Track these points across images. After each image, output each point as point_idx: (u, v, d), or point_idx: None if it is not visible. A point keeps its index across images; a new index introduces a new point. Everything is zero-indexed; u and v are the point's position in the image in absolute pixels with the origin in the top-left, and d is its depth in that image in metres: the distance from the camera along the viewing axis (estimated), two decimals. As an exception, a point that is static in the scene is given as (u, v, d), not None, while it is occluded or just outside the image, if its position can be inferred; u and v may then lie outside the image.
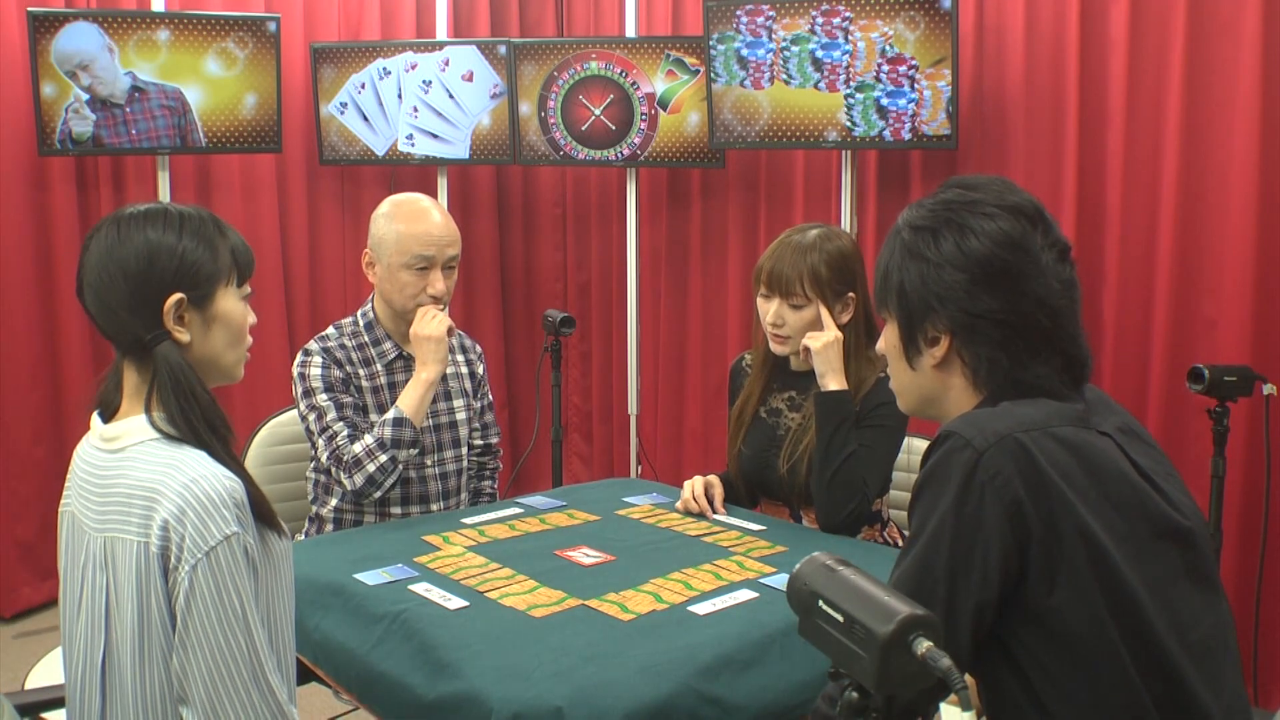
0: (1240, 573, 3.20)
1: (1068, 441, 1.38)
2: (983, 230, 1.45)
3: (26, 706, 1.93)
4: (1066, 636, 1.36)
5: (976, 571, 1.34)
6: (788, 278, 2.42)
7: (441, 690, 1.70)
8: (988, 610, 1.36)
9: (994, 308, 1.44)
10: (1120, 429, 1.48)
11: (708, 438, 4.64)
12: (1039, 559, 1.35)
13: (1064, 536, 1.34)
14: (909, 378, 1.56)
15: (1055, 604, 1.35)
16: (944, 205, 1.50)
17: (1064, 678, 1.37)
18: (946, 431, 1.40)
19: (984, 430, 1.37)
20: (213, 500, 1.45)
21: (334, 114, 4.58)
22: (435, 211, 2.65)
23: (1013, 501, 1.34)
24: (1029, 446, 1.35)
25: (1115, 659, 1.35)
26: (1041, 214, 1.48)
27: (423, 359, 2.58)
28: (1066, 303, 1.47)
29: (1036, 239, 1.45)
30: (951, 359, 1.50)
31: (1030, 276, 1.44)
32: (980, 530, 1.34)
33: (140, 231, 1.53)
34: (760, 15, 3.89)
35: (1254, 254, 3.18)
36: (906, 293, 1.50)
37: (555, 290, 5.21)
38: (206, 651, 1.45)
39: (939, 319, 1.48)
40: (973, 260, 1.45)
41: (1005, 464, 1.34)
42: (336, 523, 2.63)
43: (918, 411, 1.60)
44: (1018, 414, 1.40)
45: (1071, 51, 3.49)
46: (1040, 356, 1.45)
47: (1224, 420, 2.89)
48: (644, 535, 2.31)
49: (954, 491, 1.36)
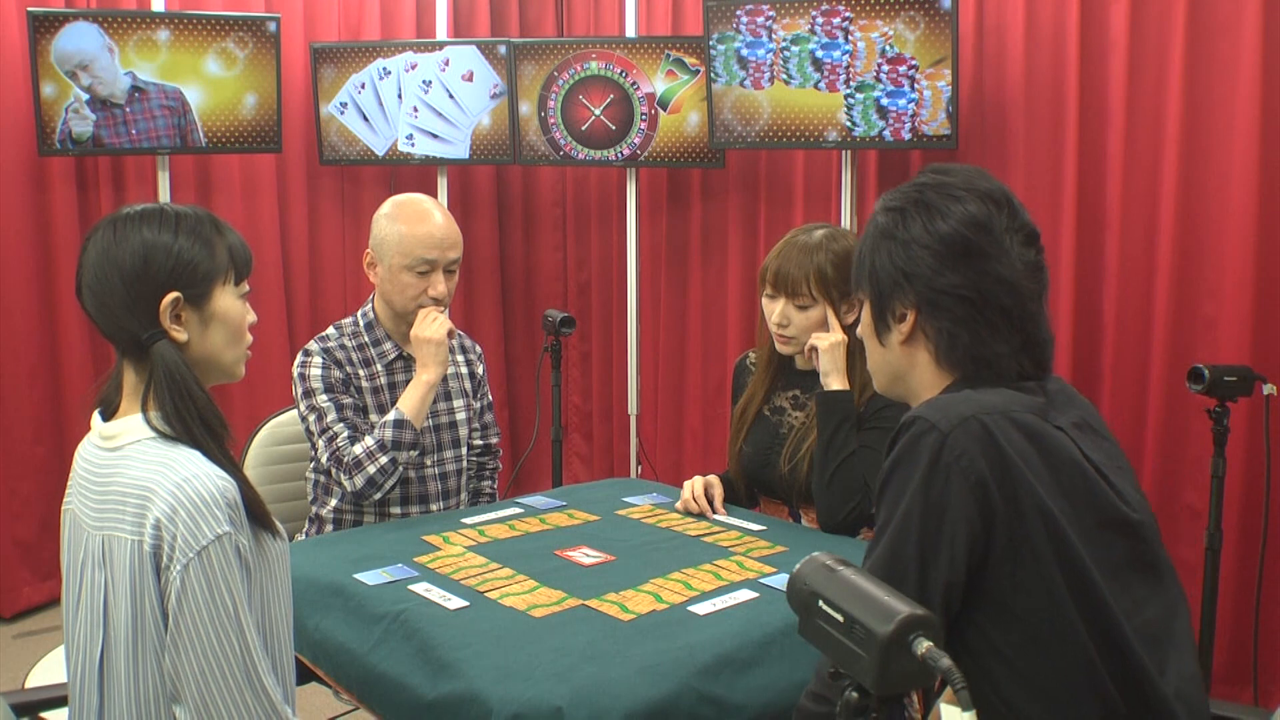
0: (1240, 573, 3.20)
1: (1026, 427, 1.44)
2: (950, 211, 1.52)
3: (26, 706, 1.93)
4: (1028, 617, 1.40)
5: (945, 552, 1.39)
6: (794, 278, 2.42)
7: (441, 690, 1.70)
8: (956, 592, 1.41)
9: (957, 284, 1.51)
10: (1076, 424, 1.52)
11: (708, 438, 4.64)
12: (1002, 538, 1.40)
13: (1025, 515, 1.39)
14: (880, 355, 1.63)
15: (1017, 584, 1.40)
16: (916, 188, 1.57)
17: (1024, 663, 1.41)
18: (911, 417, 1.46)
19: (948, 414, 1.43)
20: (205, 500, 1.45)
21: (334, 114, 4.58)
22: (438, 213, 2.64)
23: (978, 481, 1.39)
24: (991, 428, 1.41)
25: (1075, 637, 1.40)
26: (1009, 199, 1.55)
27: (423, 361, 2.58)
28: (1030, 284, 1.53)
29: (1002, 221, 1.52)
30: (917, 335, 1.56)
31: (993, 257, 1.50)
32: (948, 511, 1.39)
33: (136, 231, 1.54)
34: (760, 15, 3.89)
35: (1254, 254, 3.17)
36: (877, 271, 1.57)
37: (555, 290, 5.21)
38: (198, 651, 1.45)
39: (906, 295, 1.55)
40: (939, 239, 1.52)
41: (969, 444, 1.39)
42: (336, 523, 2.63)
43: (889, 390, 1.65)
44: (979, 399, 1.46)
45: (1071, 51, 3.49)
46: (1000, 334, 1.51)
47: (1224, 420, 2.89)
48: (644, 535, 2.31)
49: (921, 474, 1.41)
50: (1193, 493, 3.32)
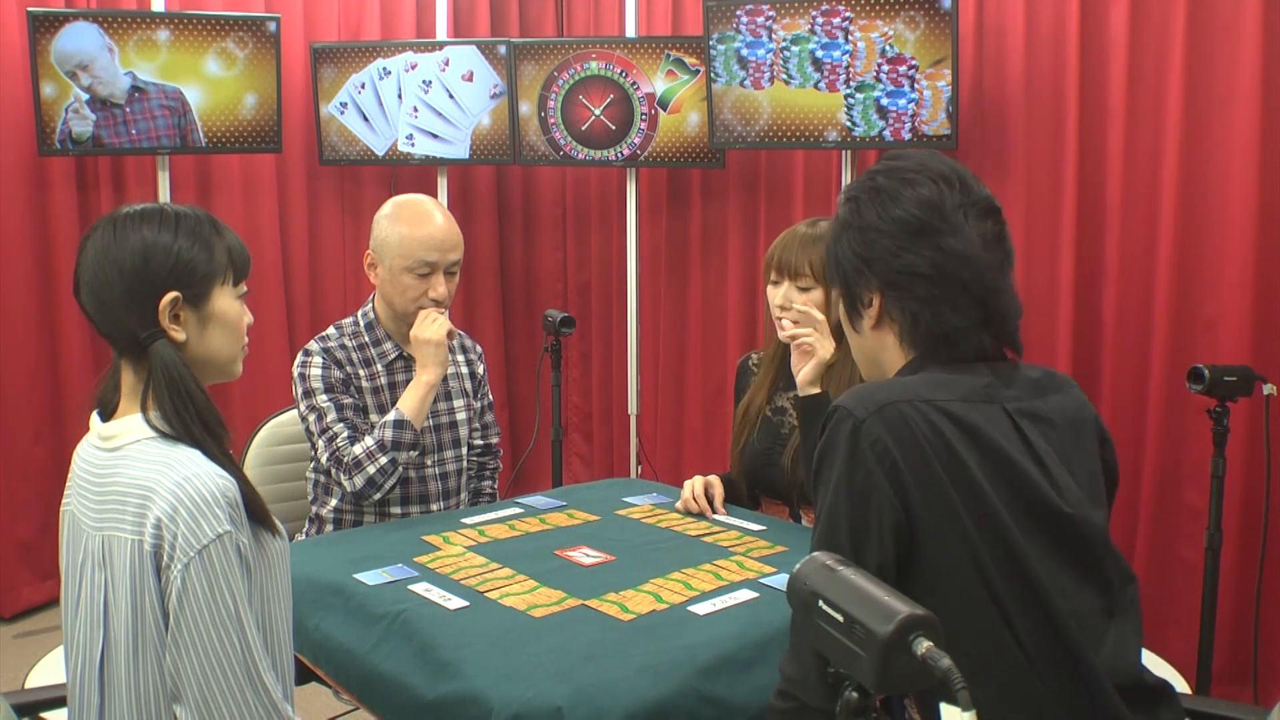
0: (1240, 573, 3.20)
1: (951, 413, 1.48)
2: (902, 195, 1.57)
3: (26, 706, 1.93)
4: (956, 594, 1.44)
5: (874, 535, 1.44)
6: (796, 260, 2.45)
7: (441, 690, 1.70)
8: (889, 574, 1.45)
9: (915, 263, 1.55)
10: (1028, 411, 1.55)
11: (708, 438, 4.63)
12: (923, 517, 1.44)
13: (946, 495, 1.44)
14: (857, 342, 1.67)
15: (944, 561, 1.44)
16: (869, 176, 1.62)
17: (958, 641, 1.41)
18: (833, 407, 1.51)
19: (865, 401, 1.48)
20: (205, 499, 1.46)
21: (334, 114, 4.58)
22: (439, 215, 2.64)
23: (892, 465, 1.44)
24: (907, 413, 1.46)
25: (1003, 612, 1.44)
26: (962, 177, 1.59)
27: (423, 362, 2.57)
28: (989, 255, 1.56)
29: (955, 198, 1.56)
30: (884, 318, 1.60)
31: (946, 233, 1.54)
32: (871, 495, 1.44)
33: (136, 231, 1.55)
34: (760, 15, 3.89)
35: (1254, 254, 3.17)
36: (841, 261, 1.62)
37: (555, 290, 5.21)
38: (199, 650, 1.45)
39: (869, 280, 1.59)
40: (893, 221, 1.56)
41: (881, 431, 1.45)
42: (336, 523, 2.63)
43: (870, 375, 1.69)
44: (903, 385, 1.52)
45: (1071, 51, 3.49)
46: (961, 310, 1.55)
47: (1224, 420, 2.88)
48: (644, 535, 2.31)
49: (843, 461, 1.46)
50: (1193, 493, 3.32)
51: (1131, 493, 3.46)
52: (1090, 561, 1.53)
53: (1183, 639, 3.29)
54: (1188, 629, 3.20)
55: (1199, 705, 1.93)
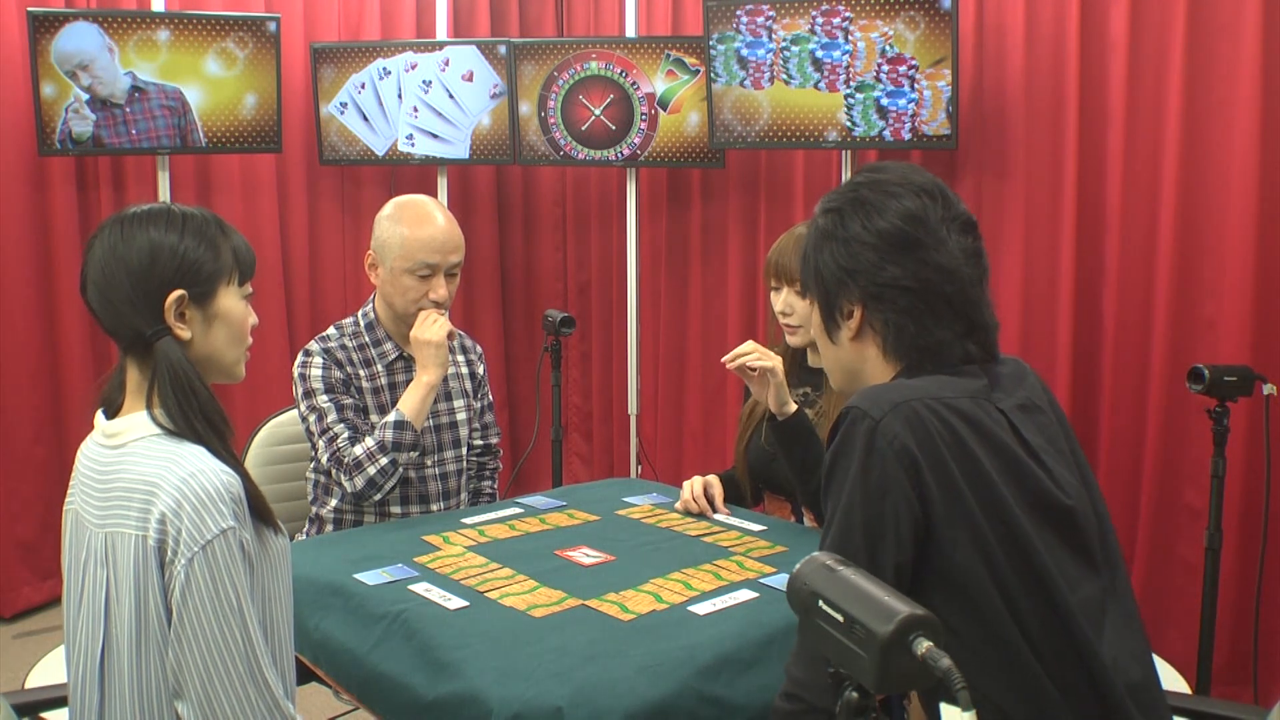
0: (1240, 572, 3.20)
1: (960, 411, 1.49)
2: (887, 207, 1.57)
3: (26, 706, 1.94)
4: (971, 591, 1.44)
5: (891, 533, 1.44)
6: (792, 265, 2.44)
7: (441, 690, 1.70)
8: (905, 572, 1.45)
9: (899, 276, 1.55)
10: (1021, 406, 1.57)
11: (708, 438, 4.64)
12: (940, 514, 1.44)
13: (961, 491, 1.44)
14: (833, 353, 1.67)
15: (959, 558, 1.44)
16: (852, 188, 1.63)
17: (970, 636, 1.45)
18: (847, 408, 1.50)
19: (880, 401, 1.48)
20: (210, 495, 1.46)
21: (334, 114, 4.58)
22: (440, 216, 2.63)
23: (911, 462, 1.44)
24: (921, 412, 1.46)
25: (1016, 608, 1.44)
26: (943, 191, 1.60)
27: (423, 363, 2.57)
28: (970, 270, 1.57)
29: (938, 212, 1.57)
30: (865, 330, 1.60)
31: (931, 247, 1.55)
32: (888, 494, 1.44)
33: (143, 231, 1.56)
34: (760, 15, 3.89)
35: (1254, 254, 3.17)
36: (821, 272, 1.62)
37: (555, 290, 5.21)
38: (201, 645, 1.45)
39: (851, 292, 1.59)
40: (878, 234, 1.56)
41: (900, 428, 1.45)
42: (336, 523, 2.63)
43: (845, 387, 1.69)
44: (913, 386, 1.52)
45: (1071, 51, 3.49)
46: (944, 321, 1.56)
47: (1224, 420, 2.89)
48: (644, 535, 2.31)
49: (859, 461, 1.46)
50: (1193, 493, 3.32)
51: (1131, 493, 3.46)
52: (1092, 551, 1.55)
53: (1183, 639, 3.29)
54: (1188, 629, 3.20)
55: (1199, 705, 1.93)
